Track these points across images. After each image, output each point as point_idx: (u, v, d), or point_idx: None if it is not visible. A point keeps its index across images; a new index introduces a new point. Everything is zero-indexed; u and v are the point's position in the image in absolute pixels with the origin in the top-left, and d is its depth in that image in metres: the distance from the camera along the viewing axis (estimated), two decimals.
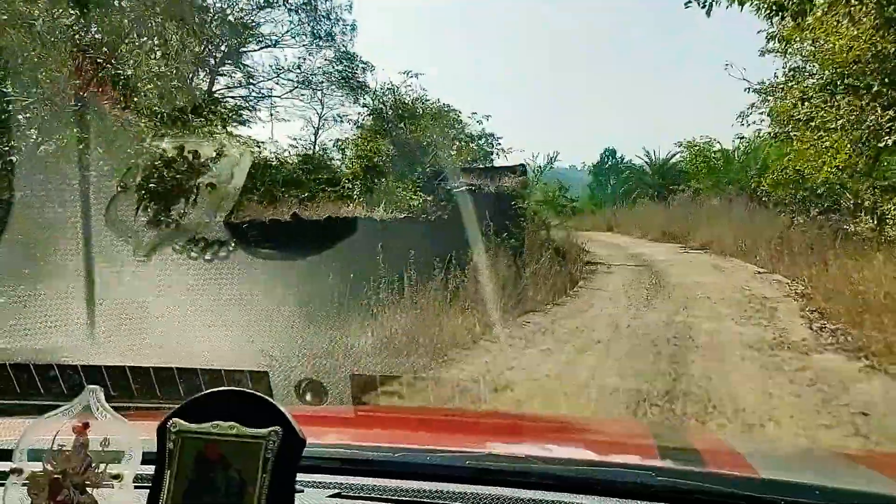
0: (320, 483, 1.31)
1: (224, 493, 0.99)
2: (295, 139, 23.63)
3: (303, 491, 1.16)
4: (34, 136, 6.67)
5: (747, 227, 19.71)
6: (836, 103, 12.30)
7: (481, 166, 17.96)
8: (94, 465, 1.03)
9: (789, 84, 15.64)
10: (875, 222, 14.21)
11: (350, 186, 16.12)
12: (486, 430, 2.35)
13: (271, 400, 1.04)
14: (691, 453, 1.88)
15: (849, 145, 12.69)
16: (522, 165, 17.40)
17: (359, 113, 19.98)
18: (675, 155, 34.14)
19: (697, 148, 30.78)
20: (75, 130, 6.20)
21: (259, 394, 1.05)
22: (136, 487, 1.03)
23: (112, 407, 1.05)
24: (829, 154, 13.78)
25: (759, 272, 15.28)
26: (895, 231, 13.01)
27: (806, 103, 13.76)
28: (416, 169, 16.72)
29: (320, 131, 22.34)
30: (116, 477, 1.03)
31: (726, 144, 28.77)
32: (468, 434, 2.21)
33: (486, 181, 14.14)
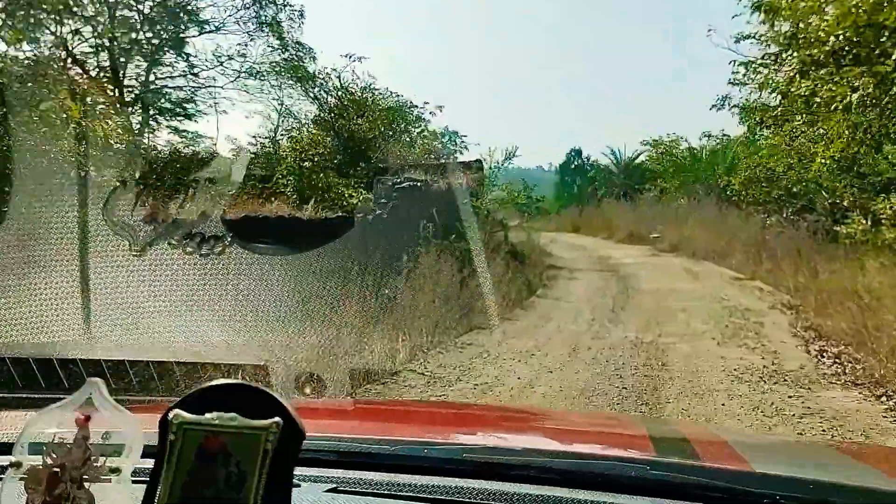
0: (317, 477, 1.43)
1: (222, 486, 1.07)
2: (232, 136, 23.73)
3: (300, 485, 1.28)
4: None
5: (719, 228, 20.48)
6: (844, 76, 11.04)
7: (435, 162, 17.80)
8: (93, 458, 1.10)
9: (786, 55, 14.04)
10: (869, 223, 14.13)
11: (283, 182, 16.02)
12: (483, 423, 2.50)
13: (271, 392, 1.13)
14: (685, 447, 2.05)
15: (847, 131, 12.22)
16: (479, 161, 17.53)
17: (301, 103, 19.98)
18: (641, 154, 36.44)
19: (664, 146, 32.62)
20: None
21: (259, 385, 1.15)
22: (134, 482, 1.11)
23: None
24: (823, 143, 13.34)
25: (737, 278, 15.50)
26: (894, 233, 12.82)
27: (806, 76, 12.35)
28: (361, 164, 16.69)
29: (267, 123, 22.28)
30: (115, 471, 1.10)
31: (694, 143, 30.87)
32: (466, 428, 2.36)
33: (438, 177, 13.90)
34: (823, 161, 13.87)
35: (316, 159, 16.43)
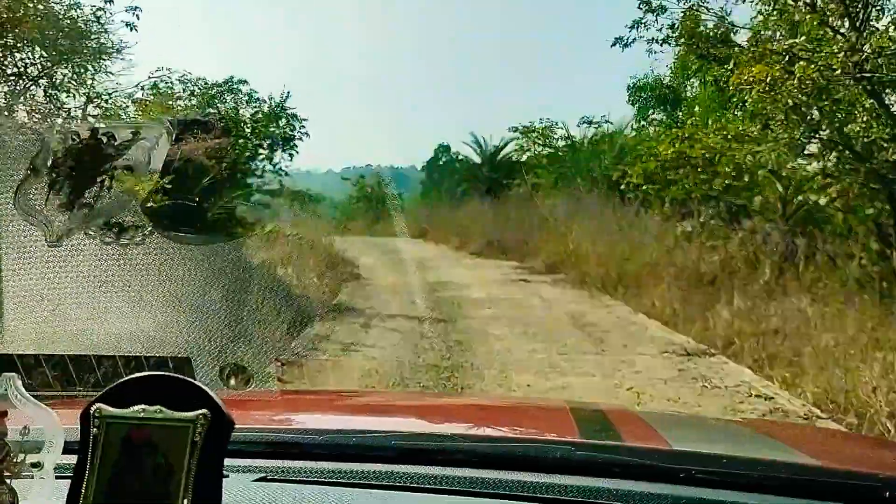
0: (246, 467, 1.43)
1: (150, 480, 1.06)
2: None
3: (228, 476, 1.29)
4: None
5: (616, 239, 14.85)
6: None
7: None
8: (12, 454, 1.08)
9: None
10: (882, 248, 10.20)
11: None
12: (411, 410, 2.55)
13: (198, 383, 1.13)
14: (608, 427, 2.15)
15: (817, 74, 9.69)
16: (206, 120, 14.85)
17: None
18: (509, 142, 32.06)
19: (536, 133, 28.51)
20: None
21: (184, 377, 1.15)
22: (58, 477, 1.10)
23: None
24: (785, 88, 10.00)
25: (675, 344, 8.40)
26: None
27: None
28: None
29: None
30: (36, 466, 1.08)
31: (572, 131, 27.31)
32: (394, 415, 2.40)
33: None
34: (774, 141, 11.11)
35: None
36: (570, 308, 11.03)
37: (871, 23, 10.27)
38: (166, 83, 31.89)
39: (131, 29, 14.79)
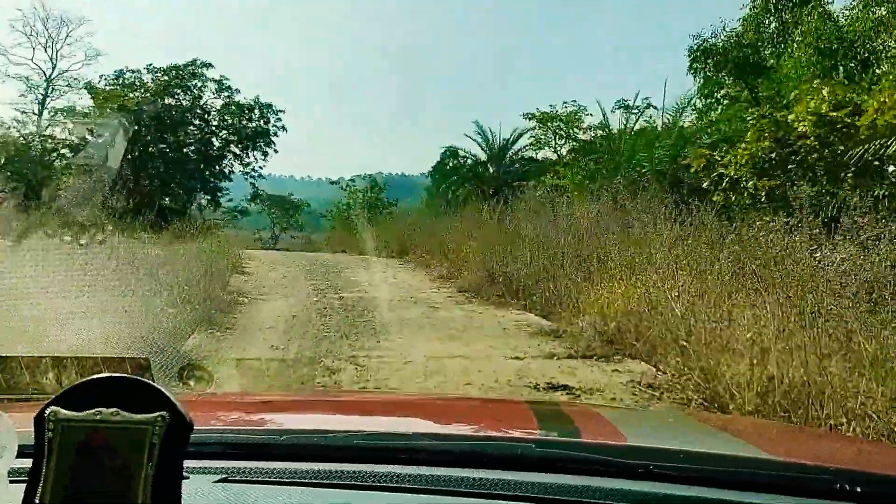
0: (206, 469, 1.43)
1: (107, 484, 1.05)
2: None
3: (188, 477, 1.28)
4: None
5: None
6: None
7: None
8: None
9: None
10: None
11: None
12: (374, 410, 2.57)
13: (156, 384, 1.12)
14: (567, 425, 2.21)
15: None
16: None
17: None
18: (523, 133, 26.09)
19: (558, 121, 22.99)
20: None
21: (142, 378, 1.13)
22: (12, 482, 1.09)
23: None
24: None
25: None
26: None
27: None
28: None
29: None
30: None
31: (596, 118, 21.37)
32: (357, 415, 2.41)
33: None
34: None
35: None
36: None
37: None
38: (133, 72, 31.18)
39: None
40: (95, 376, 1.14)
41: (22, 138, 27.51)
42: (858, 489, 1.39)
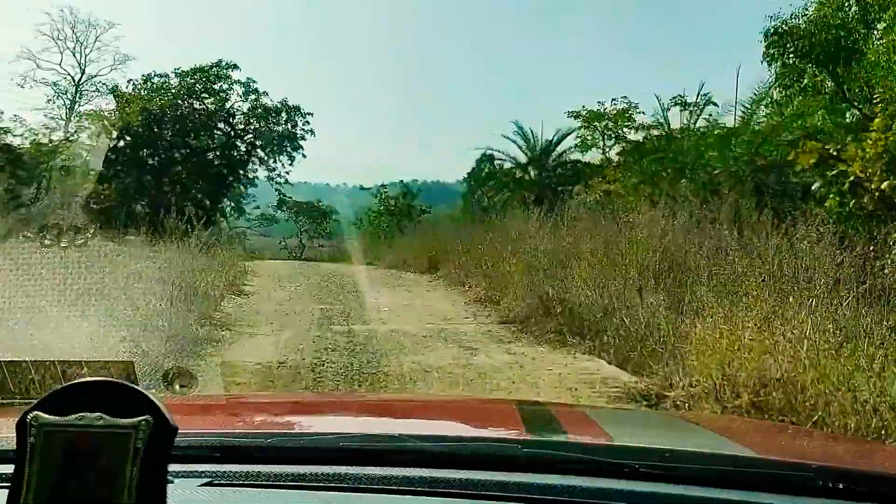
0: (191, 472, 1.43)
1: (91, 489, 1.05)
2: None
3: (173, 481, 1.28)
4: None
5: None
6: None
7: None
8: None
9: None
10: None
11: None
12: (358, 411, 2.59)
13: (139, 388, 1.12)
14: (553, 425, 2.22)
15: None
16: None
17: None
18: (568, 134, 23.86)
19: (606, 119, 21.58)
20: None
21: (126, 383, 1.13)
22: None
23: None
24: None
25: None
26: None
27: None
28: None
29: None
30: None
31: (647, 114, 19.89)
32: (340, 417, 2.43)
33: None
34: None
35: None
36: None
37: None
38: (160, 76, 30.78)
39: None
40: (78, 380, 1.13)
41: (50, 143, 27.59)
42: (843, 486, 1.40)
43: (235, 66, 31.51)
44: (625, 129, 21.18)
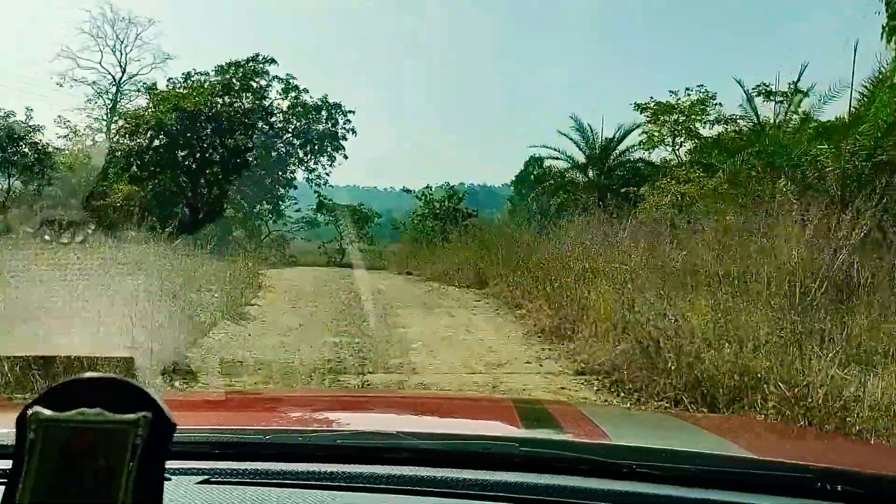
0: (189, 469, 1.46)
1: (89, 484, 1.06)
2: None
3: (171, 478, 1.29)
4: None
5: None
6: None
7: None
8: None
9: None
10: None
11: None
12: (356, 408, 2.62)
13: (138, 384, 1.13)
14: (551, 424, 2.23)
15: None
16: None
17: None
18: (631, 130, 21.57)
19: (678, 112, 19.55)
20: None
21: (125, 378, 1.14)
22: None
23: None
24: None
25: None
26: None
27: None
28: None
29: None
30: None
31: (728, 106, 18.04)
32: (338, 415, 2.45)
33: None
34: None
35: None
36: None
37: None
38: (201, 74, 30.42)
39: None
40: (78, 376, 1.14)
41: (92, 142, 27.58)
42: (842, 488, 1.39)
43: (273, 61, 31.34)
44: (696, 125, 19.26)
